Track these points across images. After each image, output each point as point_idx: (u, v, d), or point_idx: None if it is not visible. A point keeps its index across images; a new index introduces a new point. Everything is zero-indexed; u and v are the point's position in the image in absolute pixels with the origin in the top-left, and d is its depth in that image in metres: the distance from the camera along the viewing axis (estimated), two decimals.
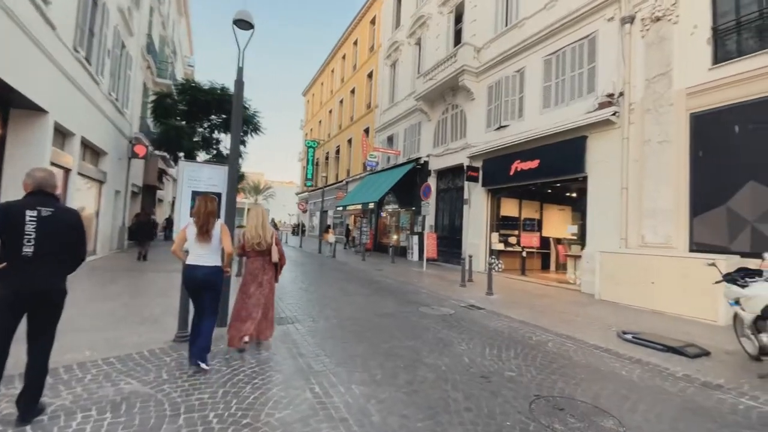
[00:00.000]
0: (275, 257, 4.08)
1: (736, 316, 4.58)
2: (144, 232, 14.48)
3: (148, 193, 18.21)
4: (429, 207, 12.33)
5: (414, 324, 5.31)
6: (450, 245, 14.50)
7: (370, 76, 23.55)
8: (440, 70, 14.41)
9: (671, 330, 5.52)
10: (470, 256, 9.85)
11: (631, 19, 8.51)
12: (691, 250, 7.22)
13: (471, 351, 4.24)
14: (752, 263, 5.27)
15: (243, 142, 14.93)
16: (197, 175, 10.67)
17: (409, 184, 16.17)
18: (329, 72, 32.59)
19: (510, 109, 11.82)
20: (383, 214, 20.42)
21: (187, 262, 3.40)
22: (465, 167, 13.19)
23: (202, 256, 3.38)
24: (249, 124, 14.24)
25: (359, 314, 5.76)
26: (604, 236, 8.71)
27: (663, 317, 6.49)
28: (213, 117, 13.82)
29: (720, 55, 7.15)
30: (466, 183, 13.26)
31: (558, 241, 14.20)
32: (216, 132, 14.62)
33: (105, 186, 11.63)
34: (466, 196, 13.45)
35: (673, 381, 3.62)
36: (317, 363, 3.67)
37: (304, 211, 32.25)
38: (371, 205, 15.77)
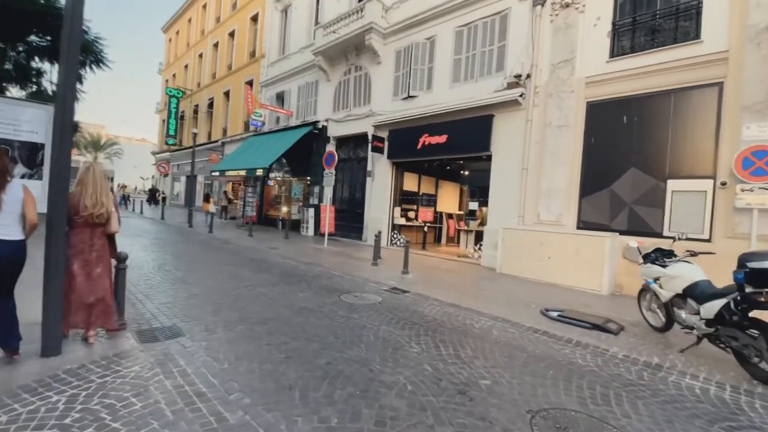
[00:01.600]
0: (114, 227, 3.32)
1: (642, 292, 5.00)
2: None
3: None
4: (331, 177, 11.16)
5: (345, 321, 4.33)
6: (349, 219, 13.69)
7: (254, 19, 20.19)
8: (344, 24, 12.93)
9: (574, 302, 5.88)
10: (379, 233, 9.22)
11: (542, 1, 8.67)
12: (578, 228, 7.99)
13: (427, 354, 3.52)
14: (630, 240, 5.83)
15: (79, 78, 10.83)
16: (5, 116, 7.18)
17: (303, 151, 14.54)
18: (199, 7, 27.04)
19: (419, 78, 11.30)
20: (270, 183, 18.24)
21: None
22: (370, 137, 12.33)
23: (4, 226, 2.65)
24: (88, 52, 10.32)
25: (271, 313, 4.47)
26: (504, 213, 9.09)
27: (558, 289, 7.00)
28: (33, 37, 9.54)
29: (617, 50, 7.79)
30: (370, 154, 12.46)
31: (449, 216, 14.83)
32: (37, 60, 10.22)
33: None
34: (369, 167, 12.69)
35: (625, 366, 3.58)
36: (230, 409, 2.40)
37: (165, 175, 27.01)
38: (259, 172, 13.67)
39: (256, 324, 4.03)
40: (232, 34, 22.37)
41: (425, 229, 12.15)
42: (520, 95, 8.82)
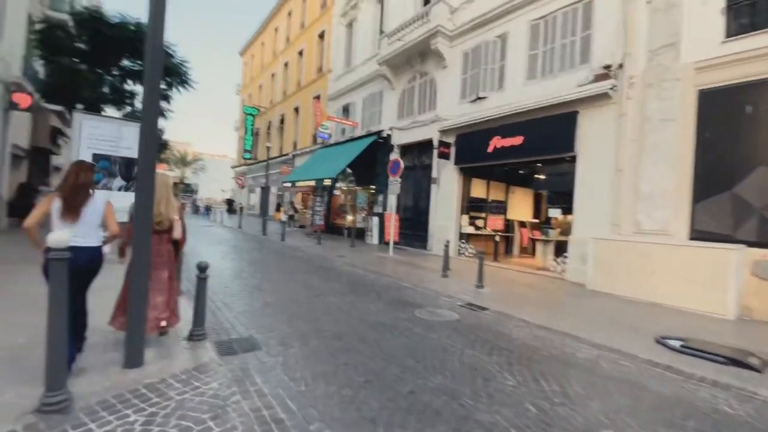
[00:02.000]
0: (177, 233, 3.52)
1: None
2: (30, 208, 11.31)
3: (38, 159, 14.39)
4: (397, 185, 10.94)
5: (423, 341, 3.95)
6: (413, 227, 13.34)
7: (321, 36, 21.04)
8: (409, 30, 12.78)
9: (693, 328, 4.84)
10: (448, 242, 8.73)
11: None
12: (692, 238, 6.75)
13: (525, 389, 2.99)
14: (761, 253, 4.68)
15: (166, 98, 12.04)
16: (104, 134, 8.06)
17: (368, 160, 14.56)
18: (272, 30, 29.03)
19: (489, 78, 10.68)
20: (337, 193, 18.63)
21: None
22: (437, 142, 11.93)
23: (85, 235, 2.79)
24: (174, 74, 11.42)
25: (345, 326, 4.25)
26: (592, 221, 8.06)
27: (666, 310, 5.92)
28: (126, 62, 10.78)
29: (734, 28, 6.53)
30: (435, 160, 12.06)
31: (522, 224, 13.78)
32: (131, 83, 11.54)
33: None
34: (434, 174, 12.27)
35: None
36: None
37: (242, 187, 29.12)
38: (327, 182, 13.96)
39: (331, 339, 3.82)
40: (301, 53, 23.57)
41: (496, 238, 11.33)
42: (611, 87, 7.81)
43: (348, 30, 18.33)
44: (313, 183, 15.27)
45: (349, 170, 16.21)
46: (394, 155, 14.20)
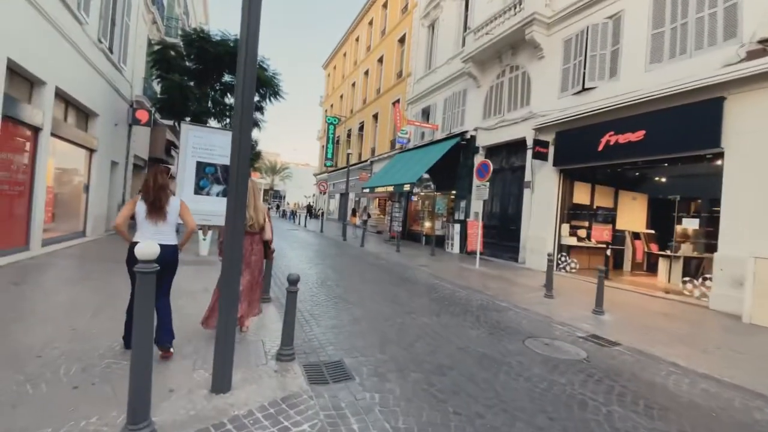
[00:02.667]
0: (268, 235, 3.90)
1: None
2: None
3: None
4: (485, 190, 10.01)
5: (549, 387, 3.12)
6: (501, 237, 12.19)
7: (401, 41, 20.88)
8: (499, 22, 11.79)
9: None
10: (551, 255, 7.57)
11: None
12: None
13: None
14: None
15: (260, 109, 12.72)
16: (206, 143, 8.56)
17: (448, 164, 13.77)
18: (353, 41, 29.87)
19: (598, 66, 9.24)
20: (414, 198, 18.13)
21: (137, 240, 2.91)
22: (531, 141, 10.72)
23: (157, 232, 3.03)
24: (267, 86, 11.98)
25: (445, 357, 3.60)
26: (750, 235, 6.28)
27: None
28: (226, 77, 11.59)
29: None
30: (530, 161, 10.83)
31: (635, 235, 11.75)
32: (230, 96, 12.41)
33: (97, 155, 9.67)
34: (528, 177, 11.04)
35: None
36: None
37: (323, 193, 30.28)
38: (406, 187, 13.51)
39: (433, 373, 3.20)
40: (380, 60, 23.73)
41: (608, 252, 9.70)
42: None
43: (429, 31, 17.83)
44: (391, 188, 14.95)
45: (426, 175, 15.61)
46: (480, 157, 13.24)
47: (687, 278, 7.62)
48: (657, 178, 10.83)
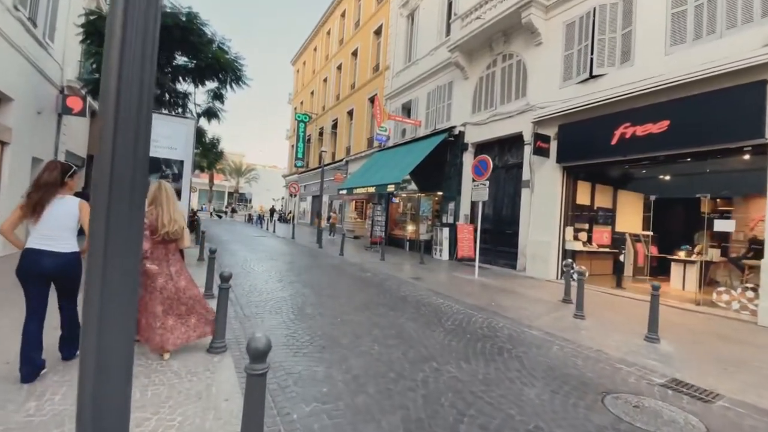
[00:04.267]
0: (187, 243, 3.39)
1: None
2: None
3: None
4: (484, 190, 8.82)
5: None
6: (495, 241, 11.09)
7: (378, 32, 19.58)
8: (491, 6, 10.71)
9: None
10: (570, 263, 6.46)
11: None
12: None
13: None
14: None
15: (220, 97, 10.94)
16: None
17: (433, 162, 12.56)
18: (323, 34, 28.28)
19: (607, 51, 8.30)
20: (396, 200, 16.81)
21: (28, 246, 2.67)
22: (529, 136, 9.68)
23: (51, 238, 2.70)
24: (228, 71, 10.23)
25: None
26: None
27: None
28: (177, 57, 9.75)
29: None
30: (528, 158, 9.78)
31: (635, 238, 10.98)
32: (182, 81, 10.53)
33: (10, 149, 7.60)
34: (526, 176, 9.98)
35: None
36: None
37: (294, 195, 28.39)
38: (390, 188, 12.15)
39: None
40: (355, 53, 22.31)
41: (621, 257, 8.74)
42: None
43: (408, 21, 16.63)
44: (372, 189, 13.54)
45: (407, 176, 14.34)
46: (469, 155, 12.12)
47: (722, 288, 6.70)
48: (664, 176, 10.07)
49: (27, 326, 2.65)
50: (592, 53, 8.57)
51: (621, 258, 8.64)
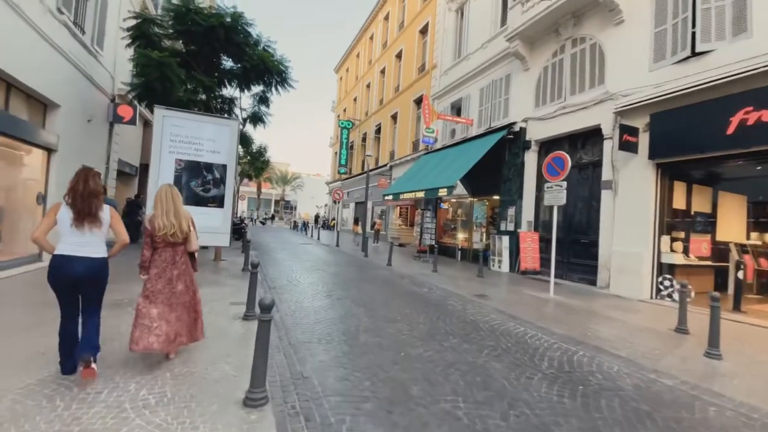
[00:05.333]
0: (194, 246, 3.34)
1: None
2: (137, 224, 10.68)
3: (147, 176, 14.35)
4: (560, 193, 7.55)
5: None
6: (565, 252, 9.67)
7: (423, 31, 18.76)
8: None
9: None
10: (686, 287, 5.10)
11: None
12: None
13: None
14: None
15: (265, 100, 10.57)
16: (190, 135, 6.16)
17: (487, 164, 11.33)
18: (366, 40, 27.98)
19: (715, 22, 6.79)
20: (444, 206, 15.71)
21: (59, 252, 2.72)
22: (612, 129, 8.29)
23: (84, 244, 2.76)
24: (274, 73, 9.82)
25: None
26: None
27: None
28: (223, 59, 9.48)
29: None
30: (609, 155, 8.38)
31: (742, 249, 9.08)
32: (228, 86, 10.28)
33: (57, 157, 7.56)
34: (607, 176, 8.56)
35: None
36: None
37: (338, 201, 28.16)
38: (443, 192, 11.11)
39: None
40: (399, 55, 21.63)
41: (739, 275, 7.08)
42: None
43: (457, 15, 15.63)
44: (421, 194, 12.59)
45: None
46: (532, 153, 10.84)
47: None
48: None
49: (65, 328, 2.81)
50: (693, 26, 7.09)
51: (739, 274, 6.96)
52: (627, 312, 6.37)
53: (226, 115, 9.54)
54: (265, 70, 9.52)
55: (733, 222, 9.37)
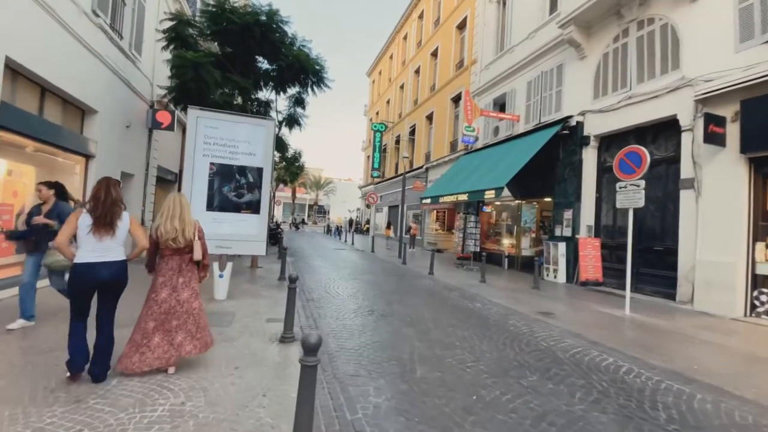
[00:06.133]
0: (198, 255, 3.29)
1: None
2: None
3: None
4: (637, 194, 6.51)
5: None
6: (636, 261, 8.48)
7: (461, 26, 17.93)
8: None
9: None
10: None
11: None
12: None
13: None
14: None
15: (301, 102, 10.21)
16: (224, 136, 5.52)
17: (539, 162, 10.29)
18: (400, 40, 27.44)
19: None
20: (487, 209, 14.74)
21: (82, 260, 2.81)
22: (689, 120, 7.15)
23: (106, 249, 2.88)
24: (309, 73, 9.43)
25: None
26: None
27: None
28: (259, 61, 9.19)
29: None
30: (691, 149, 7.23)
31: None
32: (264, 88, 9.99)
33: (96, 163, 7.48)
34: (686, 173, 7.40)
35: None
36: None
37: (371, 205, 27.74)
38: (489, 194, 10.22)
39: None
40: (435, 53, 20.89)
41: None
42: None
43: (499, 6, 14.70)
44: (464, 197, 11.75)
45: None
46: (591, 150, 9.76)
47: None
48: None
49: (77, 329, 2.86)
50: None
51: None
52: (724, 334, 5.29)
53: (261, 116, 9.22)
54: (300, 70, 9.14)
55: None
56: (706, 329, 5.54)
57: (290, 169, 27.08)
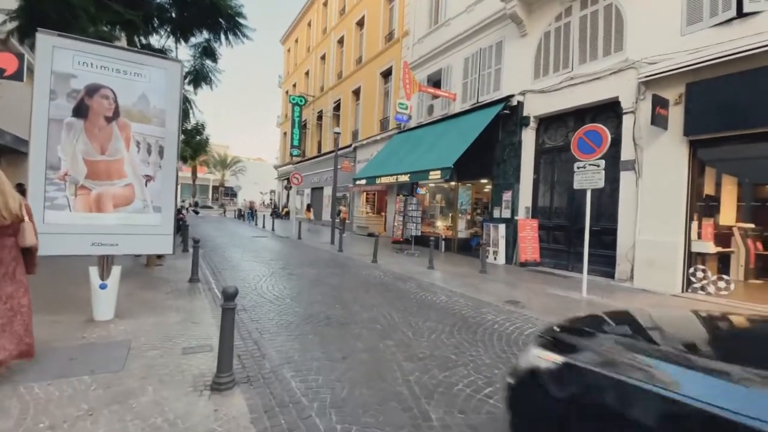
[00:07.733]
0: (30, 239, 2.73)
1: None
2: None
3: None
4: (596, 174, 6.33)
5: None
6: (573, 242, 8.72)
7: None
8: None
9: None
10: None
11: None
12: None
13: None
14: None
15: (211, 53, 8.08)
16: (94, 78, 3.91)
17: (477, 143, 9.94)
18: (320, 6, 25.17)
19: None
20: (421, 191, 14.25)
21: None
22: (631, 102, 7.26)
23: None
24: (220, 17, 7.41)
25: None
26: None
27: None
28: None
29: None
30: (632, 131, 7.38)
31: (745, 233, 8.76)
32: (157, 31, 7.64)
33: None
34: (627, 156, 7.57)
35: None
36: None
37: (288, 188, 25.66)
38: (434, 175, 9.55)
39: None
40: (360, 23, 19.43)
41: None
42: None
43: None
44: (402, 178, 10.96)
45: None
46: (530, 131, 9.67)
47: None
48: None
49: None
50: None
51: None
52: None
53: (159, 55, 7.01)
54: (209, 9, 7.09)
55: (729, 205, 9.04)
56: (657, 307, 5.61)
57: (191, 143, 23.23)
